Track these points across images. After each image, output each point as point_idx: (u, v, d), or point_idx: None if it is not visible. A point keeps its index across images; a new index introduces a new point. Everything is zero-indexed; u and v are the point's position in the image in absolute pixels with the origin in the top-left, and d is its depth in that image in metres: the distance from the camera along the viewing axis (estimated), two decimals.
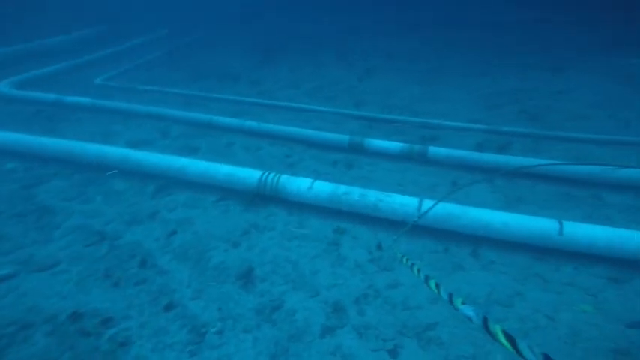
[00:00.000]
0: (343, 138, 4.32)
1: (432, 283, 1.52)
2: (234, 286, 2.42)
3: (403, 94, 6.20)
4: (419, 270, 1.70)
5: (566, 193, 3.34)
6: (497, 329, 1.11)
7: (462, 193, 3.24)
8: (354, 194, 3.06)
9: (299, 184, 3.20)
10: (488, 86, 6.38)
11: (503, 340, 1.07)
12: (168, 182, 3.57)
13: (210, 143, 4.56)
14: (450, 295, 1.37)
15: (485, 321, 1.16)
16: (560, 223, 2.57)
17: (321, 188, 3.14)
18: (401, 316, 2.17)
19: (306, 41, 10.16)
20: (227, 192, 3.42)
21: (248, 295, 2.35)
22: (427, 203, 2.85)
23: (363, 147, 4.22)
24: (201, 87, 6.62)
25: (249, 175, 3.35)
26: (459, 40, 9.71)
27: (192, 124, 5.00)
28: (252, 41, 10.21)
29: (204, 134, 4.77)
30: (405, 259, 1.96)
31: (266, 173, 3.32)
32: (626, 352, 1.86)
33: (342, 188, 3.12)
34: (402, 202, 2.93)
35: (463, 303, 1.29)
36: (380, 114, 5.29)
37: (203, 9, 14.26)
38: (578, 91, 5.89)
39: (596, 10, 11.25)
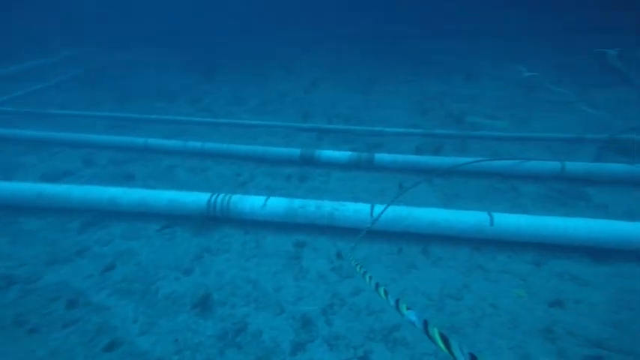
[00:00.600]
0: (294, 151, 4.34)
1: (382, 291, 1.58)
2: (190, 315, 2.26)
3: (347, 104, 6.48)
4: (370, 278, 1.77)
5: (491, 186, 3.74)
6: (435, 332, 1.18)
7: (408, 194, 3.46)
8: (310, 206, 3.08)
9: (252, 203, 3.12)
10: (418, 92, 7.00)
11: (439, 342, 1.14)
12: (99, 215, 3.22)
13: (147, 168, 4.22)
14: (397, 302, 1.43)
15: (425, 325, 1.23)
16: (491, 215, 2.84)
17: (276, 204, 3.10)
18: (367, 321, 2.22)
19: (251, 57, 10.08)
20: (173, 218, 3.20)
21: (207, 322, 2.21)
22: (378, 208, 2.98)
23: (314, 159, 4.29)
24: (133, 109, 6.14)
25: (197, 198, 3.18)
26: (391, 51, 10.54)
27: (123, 148, 4.58)
28: (192, 61, 9.80)
29: (139, 159, 4.41)
30: (358, 268, 2.03)
31: (215, 195, 3.18)
32: (551, 330, 2.11)
33: (298, 202, 3.11)
34: (355, 210, 3.02)
35: (408, 308, 1.36)
36: (328, 124, 5.45)
37: (130, 31, 13.34)
38: (487, 95, 6.76)
39: (504, 24, 13.13)
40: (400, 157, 4.17)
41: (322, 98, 6.80)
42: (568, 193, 3.55)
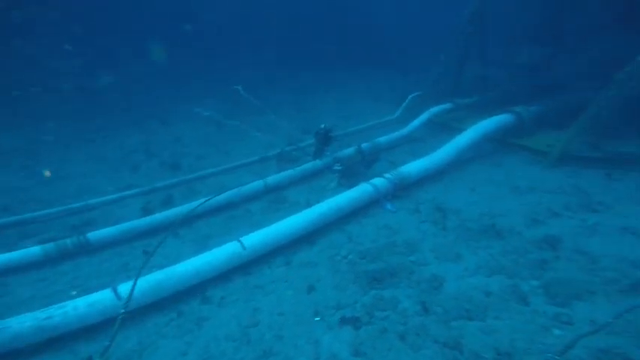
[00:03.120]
0: None
1: None
2: None
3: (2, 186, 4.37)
4: None
5: (231, 216, 3.99)
6: None
7: (160, 256, 3.05)
8: None
9: None
10: (119, 148, 6.00)
11: None
12: None
13: None
14: None
15: None
16: (240, 241, 3.03)
17: None
18: None
19: None
20: None
21: None
22: (124, 286, 2.44)
23: None
24: None
25: None
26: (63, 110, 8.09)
27: None
28: None
29: None
30: None
31: None
32: (317, 312, 2.45)
33: None
34: (90, 303, 2.32)
35: None
36: None
37: None
38: (187, 136, 6.94)
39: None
40: (126, 225, 3.51)
41: None
42: (277, 200, 4.38)
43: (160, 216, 3.69)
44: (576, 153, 4.41)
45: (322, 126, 4.87)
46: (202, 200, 3.81)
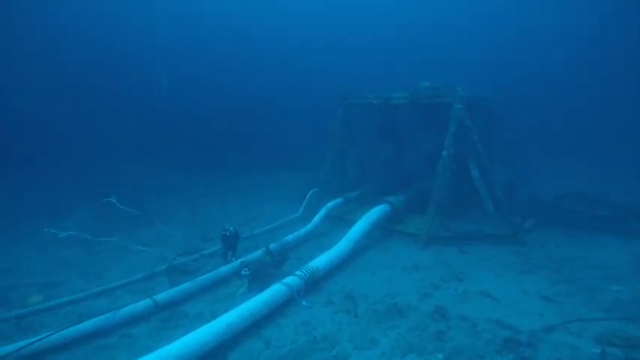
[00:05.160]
0: None
1: None
2: None
3: None
4: None
5: (100, 346, 3.12)
6: None
7: None
8: None
9: None
10: None
11: None
12: None
13: None
14: None
15: None
16: None
17: None
18: None
19: None
20: None
21: None
22: None
23: None
24: None
25: None
26: None
27: None
28: None
29: None
30: None
31: None
32: None
33: None
34: None
35: None
36: None
37: None
38: (28, 263, 5.34)
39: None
40: None
41: None
42: (172, 317, 3.67)
43: None
44: (436, 233, 5.60)
45: (231, 228, 4.75)
46: (41, 336, 2.91)
